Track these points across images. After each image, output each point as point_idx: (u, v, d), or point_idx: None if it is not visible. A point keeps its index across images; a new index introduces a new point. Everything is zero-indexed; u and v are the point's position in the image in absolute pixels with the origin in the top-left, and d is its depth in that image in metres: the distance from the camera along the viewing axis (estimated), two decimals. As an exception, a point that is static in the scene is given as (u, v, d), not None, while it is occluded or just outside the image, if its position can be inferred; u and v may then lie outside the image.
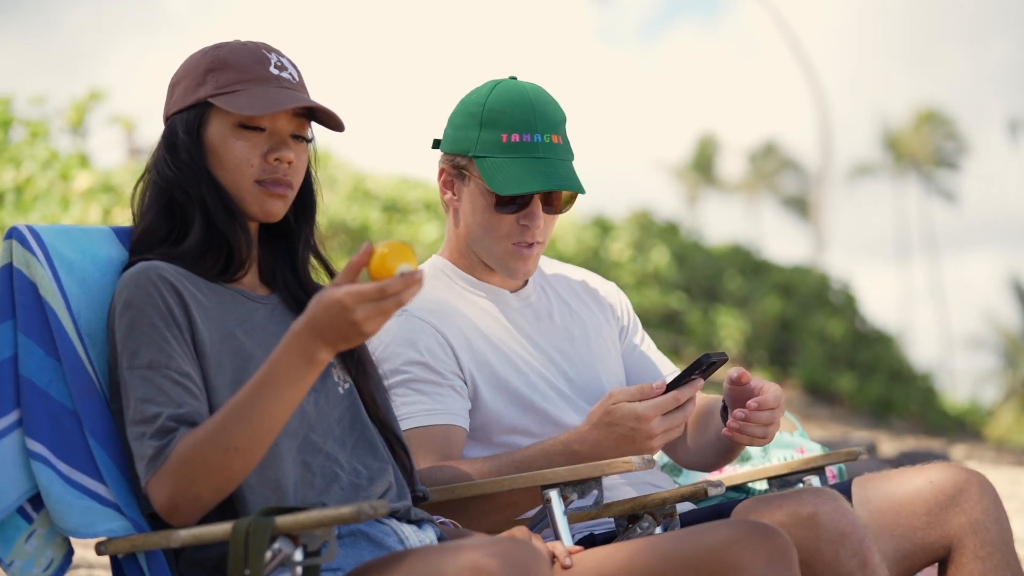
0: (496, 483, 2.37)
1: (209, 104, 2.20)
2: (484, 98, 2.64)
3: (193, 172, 2.20)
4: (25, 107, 8.01)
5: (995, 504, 2.50)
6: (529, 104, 2.62)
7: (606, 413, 2.39)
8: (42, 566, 2.16)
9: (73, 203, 7.81)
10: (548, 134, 2.61)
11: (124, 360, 2.10)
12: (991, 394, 33.13)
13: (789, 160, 52.67)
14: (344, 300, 1.91)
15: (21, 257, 2.18)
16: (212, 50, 2.25)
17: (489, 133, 2.61)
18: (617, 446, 2.38)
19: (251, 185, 2.21)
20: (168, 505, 2.05)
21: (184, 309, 2.13)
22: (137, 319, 2.11)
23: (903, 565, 2.50)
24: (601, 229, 15.65)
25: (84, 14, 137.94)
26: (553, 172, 2.60)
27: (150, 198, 2.25)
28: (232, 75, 2.20)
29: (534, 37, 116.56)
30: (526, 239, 2.62)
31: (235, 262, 2.22)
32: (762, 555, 2.10)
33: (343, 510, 1.93)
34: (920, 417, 17.40)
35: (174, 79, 2.27)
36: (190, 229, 2.21)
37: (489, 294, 2.69)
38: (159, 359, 2.09)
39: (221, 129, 2.20)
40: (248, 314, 2.22)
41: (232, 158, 2.20)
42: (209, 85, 2.20)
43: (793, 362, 17.10)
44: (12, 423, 2.14)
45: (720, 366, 2.44)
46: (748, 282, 17.15)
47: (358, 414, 2.28)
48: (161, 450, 2.04)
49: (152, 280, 2.12)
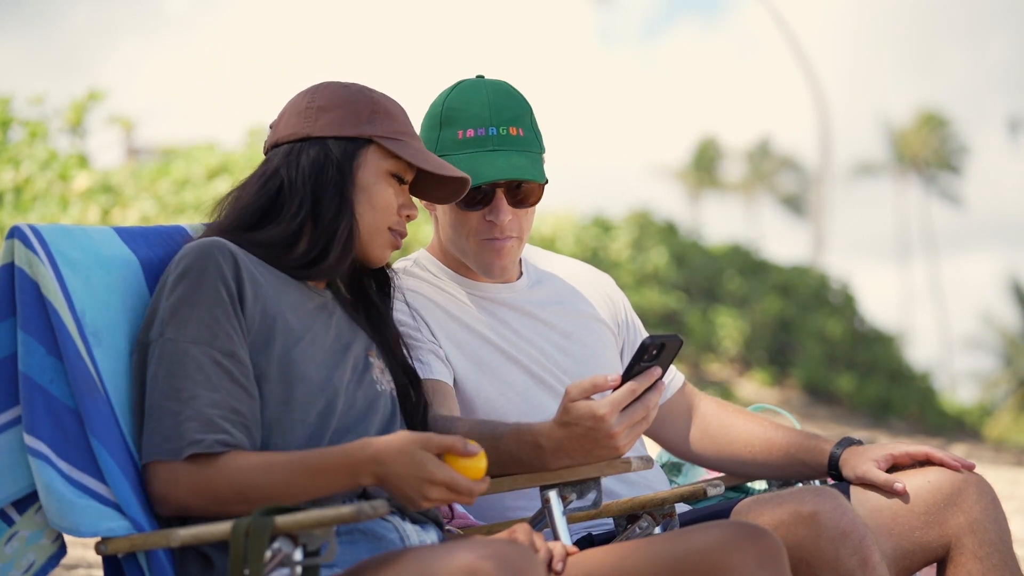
0: (496, 484, 2.37)
1: (370, 142, 2.31)
2: (444, 98, 2.65)
3: (337, 197, 2.28)
4: (24, 107, 8.01)
5: (993, 504, 2.50)
6: (485, 98, 2.62)
7: (564, 412, 2.27)
8: (22, 568, 2.17)
9: (72, 203, 7.82)
10: (505, 126, 2.60)
11: (170, 330, 2.14)
12: (990, 394, 33.14)
13: (788, 160, 52.69)
14: (426, 474, 2.01)
15: (23, 256, 2.19)
16: (363, 88, 2.35)
17: (448, 132, 2.61)
18: (580, 446, 2.28)
19: (386, 230, 2.33)
20: (172, 496, 2.09)
21: (238, 282, 2.18)
22: (191, 292, 2.15)
23: (901, 565, 2.50)
24: (600, 229, 15.67)
25: (85, 14, 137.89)
26: (507, 163, 2.58)
27: (255, 195, 2.29)
28: (397, 125, 2.33)
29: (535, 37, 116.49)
30: (494, 234, 2.61)
31: (315, 269, 2.29)
32: (752, 556, 2.10)
33: (343, 510, 1.94)
34: (919, 417, 17.41)
35: (306, 104, 2.33)
36: (280, 222, 2.28)
37: (478, 291, 2.69)
38: (204, 335, 2.13)
39: (376, 170, 2.31)
40: (302, 302, 2.28)
41: (382, 201, 2.32)
42: (379, 127, 2.31)
43: (792, 362, 17.11)
44: (8, 421, 2.15)
45: (675, 350, 2.27)
46: (747, 282, 17.16)
47: (392, 418, 2.32)
48: (206, 445, 2.08)
49: (213, 254, 2.17)
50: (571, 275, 2.83)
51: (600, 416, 2.24)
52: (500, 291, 2.70)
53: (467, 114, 2.61)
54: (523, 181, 2.60)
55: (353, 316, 2.37)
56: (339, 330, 2.31)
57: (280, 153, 2.32)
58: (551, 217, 14.75)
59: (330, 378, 2.23)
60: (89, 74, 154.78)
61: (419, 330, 2.59)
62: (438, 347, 2.59)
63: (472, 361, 2.61)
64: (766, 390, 16.46)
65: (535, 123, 2.66)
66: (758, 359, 17.02)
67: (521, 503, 2.60)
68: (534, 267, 2.80)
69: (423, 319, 2.61)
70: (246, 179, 2.34)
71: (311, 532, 1.97)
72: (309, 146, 2.30)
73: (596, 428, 2.25)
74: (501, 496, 2.58)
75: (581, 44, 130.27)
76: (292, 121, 2.33)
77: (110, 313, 2.22)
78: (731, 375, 16.68)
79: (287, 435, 2.16)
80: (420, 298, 2.64)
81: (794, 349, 17.19)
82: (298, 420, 2.18)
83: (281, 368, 2.18)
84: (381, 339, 2.39)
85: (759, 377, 16.82)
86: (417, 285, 2.67)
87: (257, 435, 2.14)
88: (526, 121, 2.63)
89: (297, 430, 2.17)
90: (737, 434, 2.77)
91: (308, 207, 2.28)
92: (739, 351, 16.71)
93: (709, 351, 16.21)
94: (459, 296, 2.68)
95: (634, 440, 2.29)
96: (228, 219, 2.30)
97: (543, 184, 2.63)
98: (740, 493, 2.81)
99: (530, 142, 2.63)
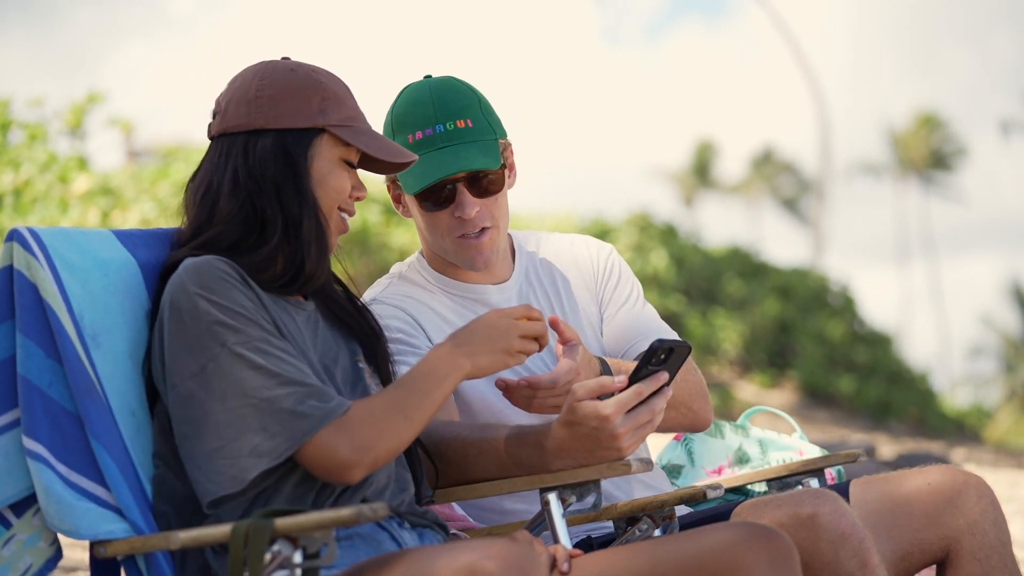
0: (495, 486, 2.36)
1: (322, 131, 2.29)
2: (393, 106, 2.66)
3: (298, 191, 2.27)
4: (24, 109, 8.01)
5: (993, 506, 2.50)
6: (428, 98, 2.62)
7: (569, 411, 2.27)
8: (19, 571, 2.17)
9: (72, 206, 7.82)
10: (451, 121, 2.60)
11: (230, 338, 2.13)
12: (990, 396, 33.14)
13: (788, 162, 52.68)
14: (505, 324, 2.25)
15: (22, 259, 2.19)
16: (310, 73, 2.31)
17: (400, 138, 2.62)
18: (583, 446, 2.27)
19: (337, 213, 2.32)
20: (349, 458, 2.11)
21: (253, 291, 2.19)
22: (227, 304, 2.14)
23: (901, 567, 2.50)
24: (600, 231, 15.65)
25: (89, 15, 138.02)
26: (454, 157, 2.58)
27: (231, 206, 2.27)
28: (346, 110, 2.31)
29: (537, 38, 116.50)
30: (466, 230, 2.61)
31: (300, 280, 2.28)
32: (764, 557, 2.09)
33: (342, 512, 1.94)
34: (919, 419, 17.42)
35: (255, 91, 2.29)
36: (264, 241, 2.26)
37: (469, 293, 2.68)
38: (263, 335, 2.14)
39: (330, 158, 2.30)
40: (292, 316, 2.27)
41: (336, 187, 2.30)
42: (331, 115, 2.29)
43: (792, 364, 17.11)
44: (7, 423, 2.15)
45: (683, 356, 2.28)
46: (747, 284, 17.16)
47: None
48: (333, 409, 2.12)
49: (223, 269, 2.17)
50: (567, 258, 2.80)
51: (605, 416, 2.23)
52: (491, 293, 2.70)
53: (414, 117, 2.61)
54: (478, 172, 2.60)
55: (335, 324, 2.37)
56: (325, 341, 2.31)
57: (237, 148, 2.27)
58: (550, 219, 14.76)
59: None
60: (93, 75, 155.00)
61: (416, 336, 2.59)
62: None
63: None
64: (766, 392, 16.47)
65: (487, 109, 2.66)
66: (758, 361, 17.02)
67: (521, 505, 2.59)
68: (528, 259, 2.78)
69: (420, 325, 2.61)
70: (207, 174, 2.29)
71: (311, 534, 1.97)
72: (263, 138, 2.27)
73: (600, 428, 2.24)
74: (501, 498, 2.58)
75: (583, 45, 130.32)
76: (242, 110, 2.29)
77: (109, 316, 2.21)
78: (731, 377, 16.68)
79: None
80: (416, 303, 2.64)
81: (794, 351, 17.19)
82: None
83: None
84: (364, 343, 2.39)
85: (759, 379, 16.82)
86: (412, 290, 2.67)
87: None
88: (474, 111, 2.63)
89: None
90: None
91: (277, 207, 2.25)
92: (739, 353, 16.71)
93: (709, 353, 16.21)
94: (453, 300, 2.67)
95: (638, 443, 2.28)
96: (209, 235, 2.26)
97: (501, 169, 2.63)
98: (739, 495, 2.81)
99: (481, 130, 2.62)
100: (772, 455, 3.04)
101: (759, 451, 3.04)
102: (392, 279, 2.72)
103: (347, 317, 2.37)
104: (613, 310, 2.76)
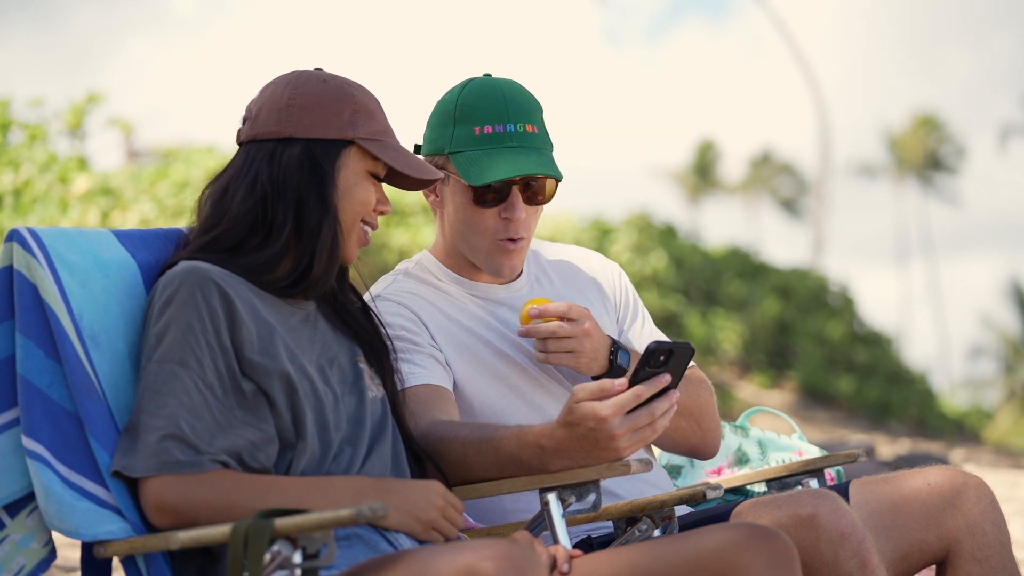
0: (495, 486, 2.37)
1: (352, 143, 2.30)
2: (457, 95, 2.65)
3: (321, 200, 2.28)
4: (24, 109, 8.01)
5: (992, 506, 2.50)
6: (500, 95, 2.62)
7: (568, 412, 2.26)
8: (12, 572, 2.17)
9: (72, 206, 7.82)
10: (521, 123, 2.61)
11: (157, 353, 2.15)
12: (989, 396, 33.15)
13: (788, 163, 52.70)
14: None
15: (22, 259, 2.19)
16: (343, 85, 2.32)
17: (463, 128, 2.61)
18: (581, 447, 2.26)
19: (359, 226, 2.33)
20: (169, 509, 2.09)
21: (228, 307, 2.18)
22: (176, 317, 2.15)
23: (901, 567, 2.50)
24: (600, 231, 15.65)
25: (92, 15, 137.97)
26: (527, 159, 2.59)
27: (242, 208, 2.27)
28: (376, 124, 2.33)
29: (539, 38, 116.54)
30: (509, 234, 2.62)
31: (303, 284, 2.28)
32: (764, 558, 2.10)
33: (342, 512, 1.94)
34: (918, 420, 17.41)
35: (287, 100, 2.30)
36: (267, 244, 2.27)
37: (476, 291, 2.69)
38: (190, 361, 2.13)
39: (357, 171, 2.31)
40: (286, 317, 2.28)
41: (361, 199, 2.31)
42: (360, 128, 2.30)
43: (791, 365, 17.11)
44: (6, 423, 2.16)
45: (685, 357, 2.25)
46: (746, 285, 17.16)
47: (384, 422, 2.33)
48: (192, 464, 2.09)
49: (197, 280, 2.17)
50: (576, 267, 2.82)
51: (603, 417, 2.22)
52: (499, 292, 2.70)
53: (484, 111, 2.61)
54: (537, 178, 2.61)
55: (335, 324, 2.37)
56: (324, 341, 2.32)
57: (263, 155, 2.29)
58: (550, 219, 14.75)
59: (321, 392, 2.25)
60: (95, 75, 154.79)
61: (419, 335, 2.59)
62: (438, 352, 2.59)
63: (472, 363, 2.61)
64: (765, 393, 16.46)
65: (544, 122, 2.67)
66: (757, 362, 17.02)
67: (520, 505, 2.59)
68: (536, 261, 2.79)
69: (423, 323, 2.61)
70: (228, 178, 2.31)
71: (310, 535, 1.97)
72: (291, 147, 2.29)
73: (598, 429, 2.23)
74: (500, 498, 2.58)
75: (585, 45, 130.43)
76: (273, 118, 2.30)
77: (108, 316, 2.22)
78: (730, 378, 16.67)
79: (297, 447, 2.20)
80: (420, 300, 2.64)
81: (793, 351, 17.19)
82: (304, 433, 2.20)
83: (283, 383, 2.20)
84: (365, 343, 2.39)
85: (758, 380, 16.82)
86: (417, 287, 2.67)
87: (251, 455, 2.16)
88: (539, 119, 2.65)
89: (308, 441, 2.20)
90: None
91: (292, 215, 2.26)
92: (738, 354, 16.71)
93: (708, 354, 16.20)
94: (459, 298, 2.67)
95: (638, 445, 2.27)
96: (213, 235, 2.28)
97: (558, 181, 2.65)
98: (739, 496, 2.81)
99: (544, 140, 2.65)
100: (772, 455, 3.04)
101: (759, 451, 3.05)
102: (398, 276, 2.72)
103: (357, 327, 2.39)
104: (627, 334, 2.79)
